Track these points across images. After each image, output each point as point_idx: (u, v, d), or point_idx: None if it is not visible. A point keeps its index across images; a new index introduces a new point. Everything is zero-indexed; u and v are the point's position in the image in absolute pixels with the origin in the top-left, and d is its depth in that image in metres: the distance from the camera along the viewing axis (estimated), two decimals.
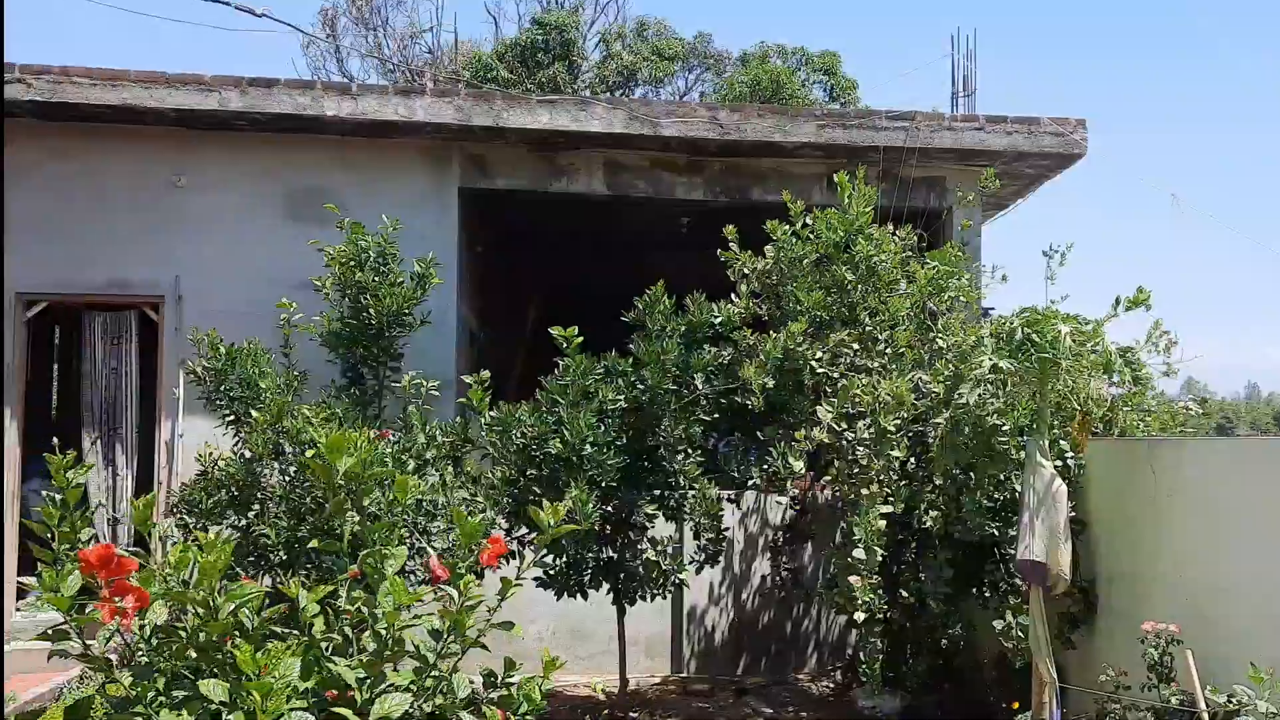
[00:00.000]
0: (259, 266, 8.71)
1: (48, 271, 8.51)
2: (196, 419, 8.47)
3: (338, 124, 8.45)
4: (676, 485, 6.83)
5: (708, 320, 7.22)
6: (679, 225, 11.54)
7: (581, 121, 8.56)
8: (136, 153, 8.65)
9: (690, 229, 11.67)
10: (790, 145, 8.90)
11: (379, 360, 7.85)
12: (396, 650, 2.14)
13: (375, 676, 2.13)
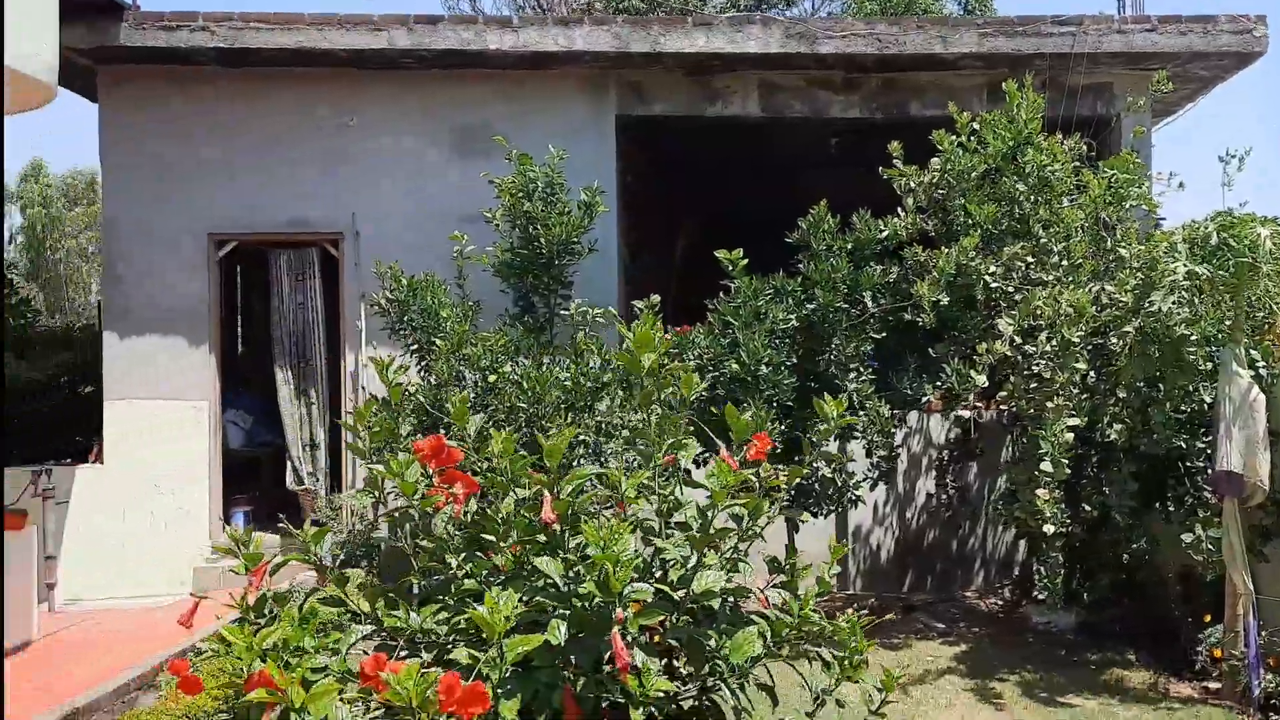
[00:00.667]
0: (428, 201, 9.02)
1: (235, 212, 8.98)
2: (378, 349, 8.89)
3: (499, 57, 8.62)
4: (849, 404, 6.87)
5: (875, 237, 7.20)
6: (828, 146, 11.44)
7: (737, 43, 8.53)
8: (312, 95, 9.00)
9: (840, 149, 11.55)
10: (951, 56, 8.70)
11: (550, 288, 8.08)
12: (716, 532, 2.30)
13: (698, 554, 2.30)
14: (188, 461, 8.89)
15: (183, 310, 8.91)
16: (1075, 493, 6.59)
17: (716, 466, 2.35)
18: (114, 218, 8.96)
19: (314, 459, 9.23)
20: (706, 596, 2.25)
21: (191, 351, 8.91)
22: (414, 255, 8.49)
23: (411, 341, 7.92)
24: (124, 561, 8.66)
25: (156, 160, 8.93)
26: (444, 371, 7.40)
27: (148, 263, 8.89)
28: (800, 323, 6.84)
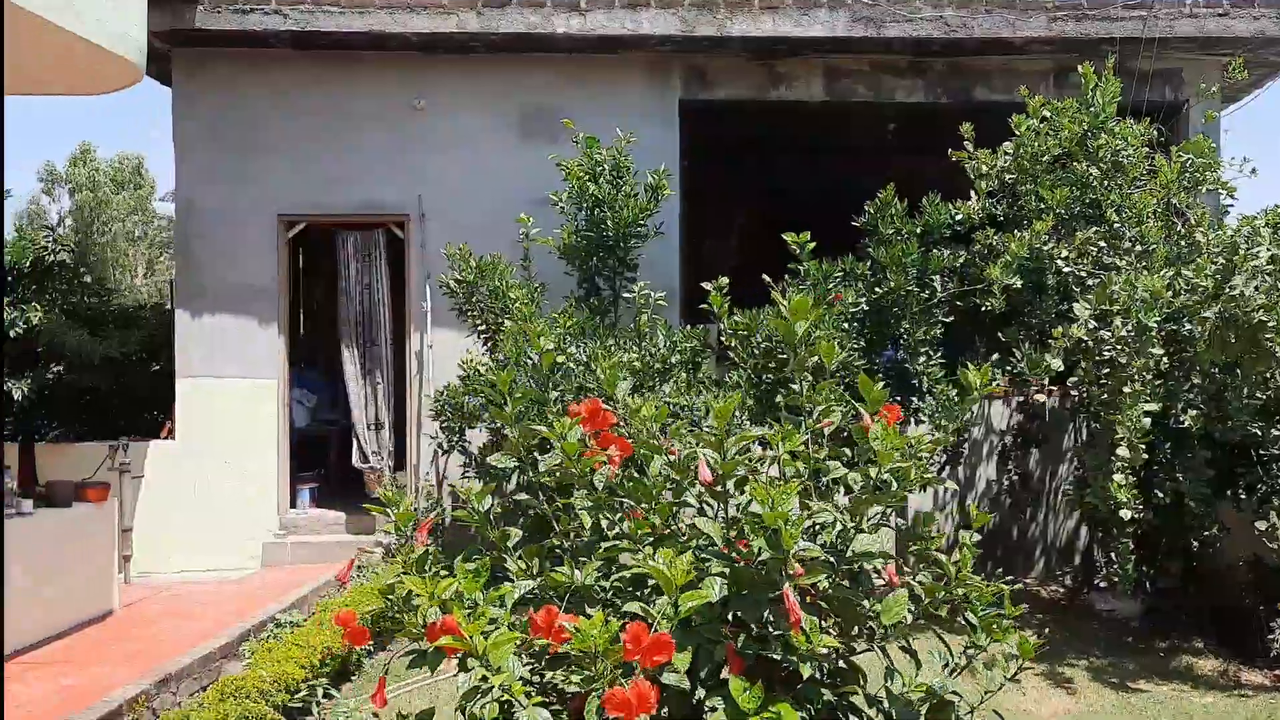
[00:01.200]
0: (494, 184, 9.11)
1: (303, 194, 9.12)
2: (443, 330, 9.03)
3: (567, 41, 8.68)
4: (918, 388, 6.90)
5: (945, 221, 7.20)
6: (885, 130, 11.42)
7: (804, 26, 8.53)
8: (380, 78, 9.11)
9: (896, 133, 11.53)
10: (1019, 41, 8.65)
11: (615, 271, 8.14)
12: (880, 495, 2.36)
13: (856, 517, 2.36)
14: (257, 438, 9.06)
15: (253, 290, 9.07)
16: (1146, 479, 6.57)
17: (880, 429, 2.40)
18: (187, 198, 9.13)
19: (378, 438, 9.37)
20: (865, 558, 2.31)
21: (261, 330, 9.08)
22: (479, 237, 8.58)
23: (479, 323, 8.03)
24: (195, 536, 8.85)
25: (228, 142, 9.08)
26: (512, 352, 7.49)
27: (219, 243, 9.05)
28: (870, 306, 6.86)
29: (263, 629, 6.41)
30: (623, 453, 2.54)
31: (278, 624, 6.44)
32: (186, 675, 5.48)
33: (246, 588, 8.13)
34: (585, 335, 7.77)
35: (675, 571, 1.97)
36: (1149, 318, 5.95)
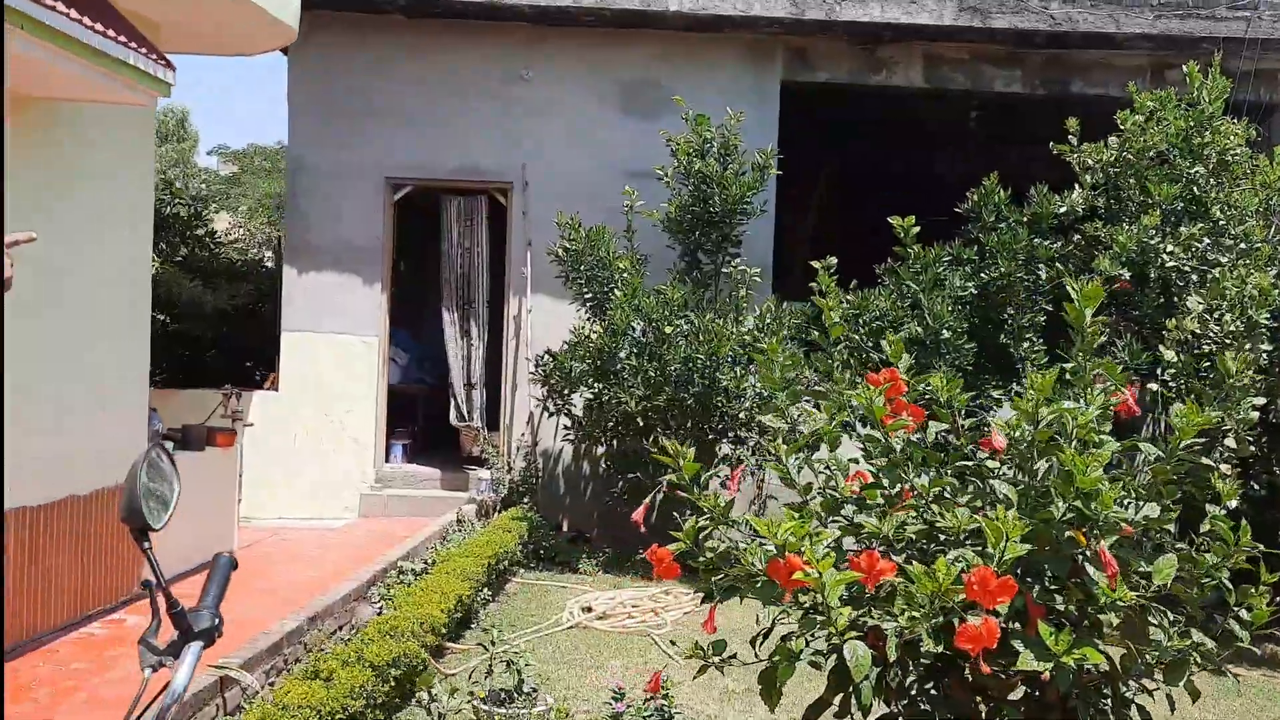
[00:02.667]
0: (593, 155, 9.35)
1: (411, 158, 9.39)
2: (541, 296, 9.30)
3: (678, 19, 8.89)
4: (1022, 372, 7.11)
5: (1052, 211, 7.39)
6: (967, 118, 11.56)
7: (911, 14, 8.71)
8: (487, 48, 9.35)
9: (978, 121, 11.66)
10: (1121, 37, 8.80)
11: (718, 246, 8.38)
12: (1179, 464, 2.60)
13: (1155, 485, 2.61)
14: (357, 393, 9.38)
15: (358, 248, 9.36)
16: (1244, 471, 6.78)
17: (1186, 408, 2.63)
18: (298, 157, 9.42)
19: (471, 398, 9.68)
20: (1151, 524, 2.55)
21: (364, 288, 9.38)
22: (576, 206, 8.82)
23: (585, 291, 8.30)
24: (293, 484, 9.19)
25: (339, 105, 9.35)
26: (621, 321, 7.76)
27: (327, 202, 9.35)
28: (978, 290, 7.08)
29: (385, 575, 6.73)
30: (917, 418, 2.78)
31: (400, 571, 6.76)
32: (329, 614, 5.81)
33: (351, 536, 8.46)
34: (687, 308, 8.04)
35: (1006, 525, 2.22)
36: (1259, 313, 6.15)
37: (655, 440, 7.79)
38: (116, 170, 5.86)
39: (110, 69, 4.55)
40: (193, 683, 4.33)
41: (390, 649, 4.82)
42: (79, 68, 4.40)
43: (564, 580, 7.82)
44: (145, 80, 4.83)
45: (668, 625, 6.69)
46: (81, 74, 4.45)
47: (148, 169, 6.27)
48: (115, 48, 4.53)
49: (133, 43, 4.69)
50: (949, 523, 2.44)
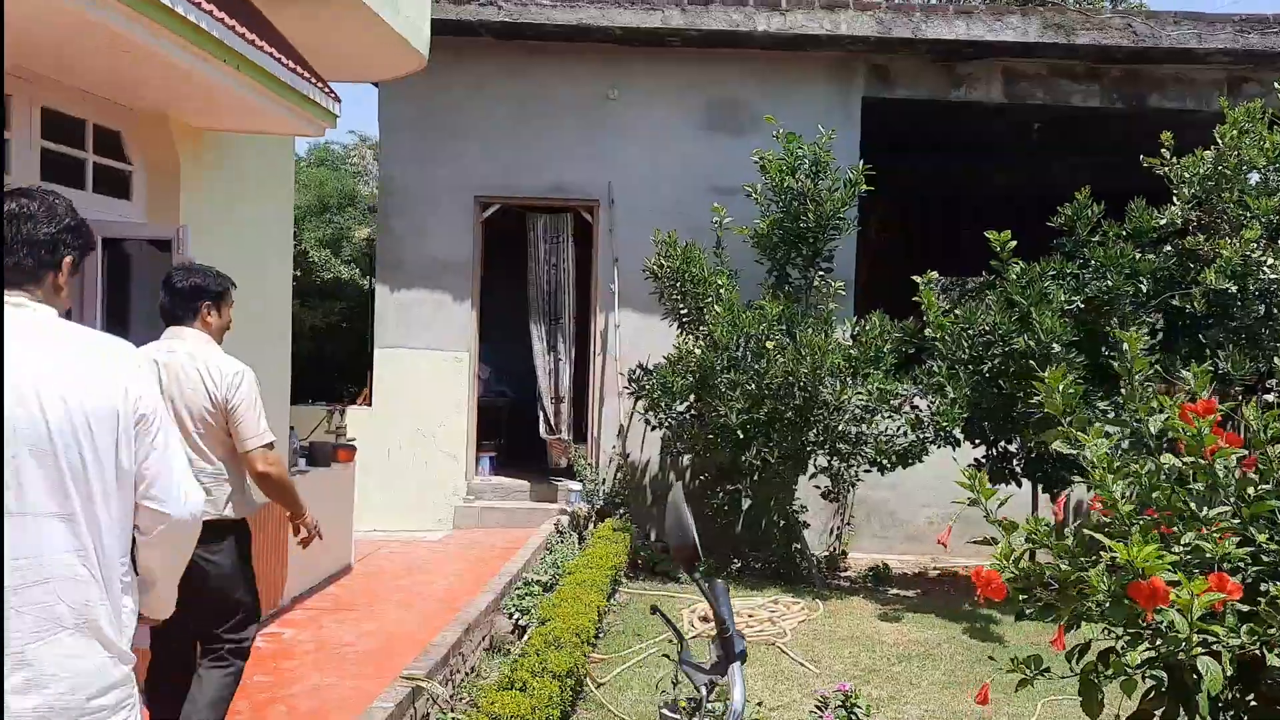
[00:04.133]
0: (678, 172, 9.53)
1: (499, 176, 9.58)
2: (628, 311, 9.46)
3: (765, 38, 9.06)
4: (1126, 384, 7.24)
5: (1152, 224, 7.55)
6: (1028, 132, 11.70)
7: (996, 31, 8.88)
8: (574, 68, 9.54)
9: (1040, 134, 11.80)
10: (1202, 51, 8.96)
11: (809, 261, 8.53)
12: None
13: None
14: (447, 408, 9.55)
15: (448, 266, 9.55)
16: None
17: None
18: (390, 176, 9.62)
19: (560, 411, 9.85)
20: None
21: (454, 305, 9.56)
22: (663, 223, 8.99)
23: (681, 306, 8.46)
24: (387, 497, 9.35)
25: (430, 126, 9.54)
26: (725, 336, 7.93)
27: (418, 220, 9.54)
28: (1085, 304, 7.23)
29: (512, 586, 6.89)
30: (1232, 444, 2.89)
31: (525, 582, 6.92)
32: (477, 625, 5.97)
33: (453, 548, 8.63)
34: (783, 321, 8.19)
35: None
36: None
37: (758, 453, 7.96)
38: (265, 200, 6.05)
39: (297, 104, 4.74)
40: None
41: (564, 659, 4.98)
42: (270, 101, 4.59)
43: (667, 590, 7.97)
44: (321, 114, 5.02)
45: (787, 634, 6.84)
46: (273, 108, 4.64)
47: (289, 198, 6.45)
48: (304, 84, 4.72)
49: (313, 78, 4.88)
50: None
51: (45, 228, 2.20)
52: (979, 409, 7.41)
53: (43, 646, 1.98)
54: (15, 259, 2.15)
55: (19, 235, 2.17)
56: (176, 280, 3.81)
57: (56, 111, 4.36)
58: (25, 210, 2.20)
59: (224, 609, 3.84)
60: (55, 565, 2.00)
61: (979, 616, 7.44)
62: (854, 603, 7.80)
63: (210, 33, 3.80)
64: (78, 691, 2.02)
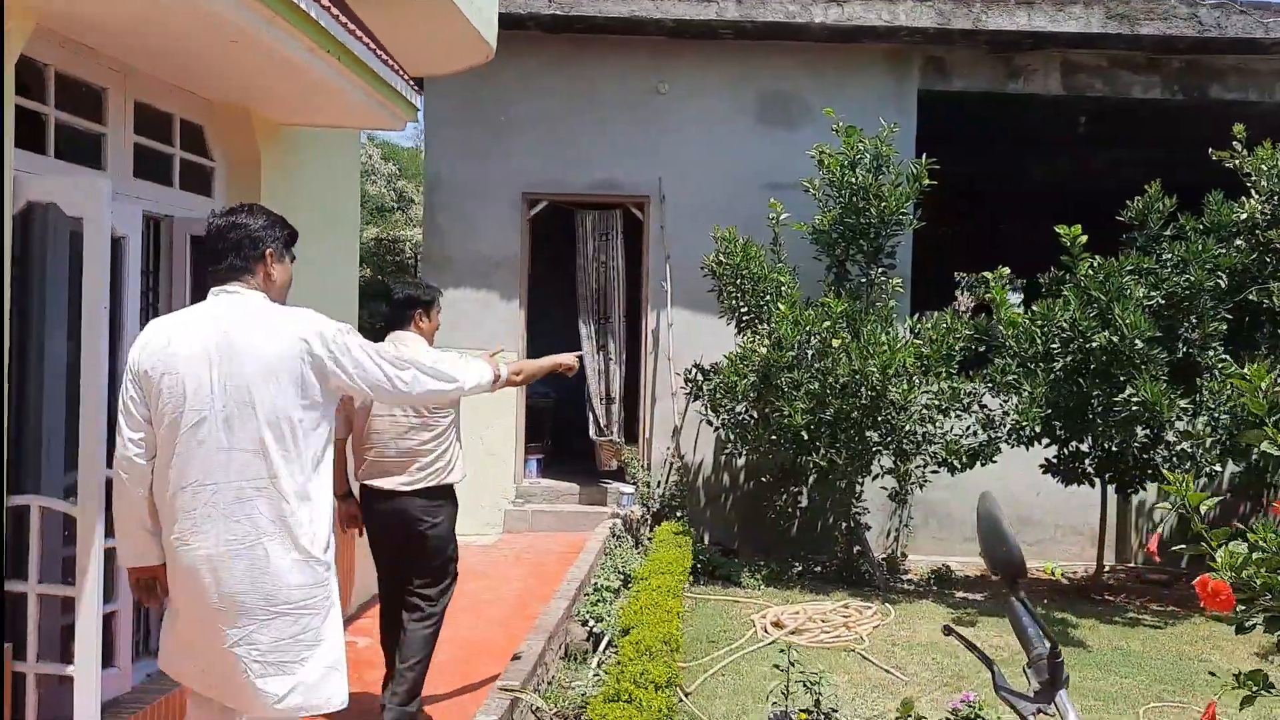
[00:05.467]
0: (730, 167, 9.35)
1: (546, 173, 9.41)
2: (680, 309, 9.28)
3: (821, 30, 8.88)
4: (1210, 380, 7.08)
5: (1230, 219, 7.37)
6: (1076, 124, 11.51)
7: (1058, 22, 8.70)
8: (623, 62, 9.36)
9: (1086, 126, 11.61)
10: (1268, 41, 8.77)
11: (870, 257, 8.34)
12: None
13: None
14: (495, 408, 9.35)
15: (496, 263, 9.38)
16: None
17: None
18: (436, 173, 9.45)
19: (610, 411, 9.67)
20: None
21: (502, 303, 9.39)
22: (716, 219, 8.84)
23: (741, 305, 8.27)
24: None
25: (476, 120, 9.37)
26: (790, 334, 7.75)
27: (466, 217, 9.37)
28: (1165, 299, 7.05)
29: (582, 593, 6.72)
30: None
31: (595, 588, 6.75)
32: (555, 633, 5.81)
33: (508, 552, 8.46)
34: (844, 320, 8.01)
35: None
36: None
37: (825, 454, 7.78)
38: (333, 198, 5.88)
39: (388, 98, 4.58)
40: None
41: (662, 668, 4.81)
42: (364, 94, 4.42)
43: (731, 595, 7.79)
44: (405, 107, 4.85)
45: (865, 640, 6.66)
46: (366, 102, 4.47)
47: (355, 195, 6.29)
48: (395, 77, 4.55)
49: (400, 70, 4.70)
50: None
51: (245, 234, 2.92)
52: (1056, 407, 7.23)
53: (251, 547, 2.74)
54: (229, 262, 2.92)
55: (229, 245, 2.92)
56: (395, 292, 4.62)
57: (146, 105, 4.18)
58: (232, 223, 2.93)
59: (438, 569, 4.55)
60: (257, 486, 2.76)
61: (1055, 621, 7.28)
62: (923, 606, 7.62)
63: (319, 21, 3.63)
64: (278, 582, 2.76)
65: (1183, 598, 8.29)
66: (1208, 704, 2.58)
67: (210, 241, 2.92)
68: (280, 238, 2.99)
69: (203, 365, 2.73)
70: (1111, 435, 6.97)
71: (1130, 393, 6.57)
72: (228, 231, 2.90)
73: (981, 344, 7.75)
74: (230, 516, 2.72)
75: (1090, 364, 7.03)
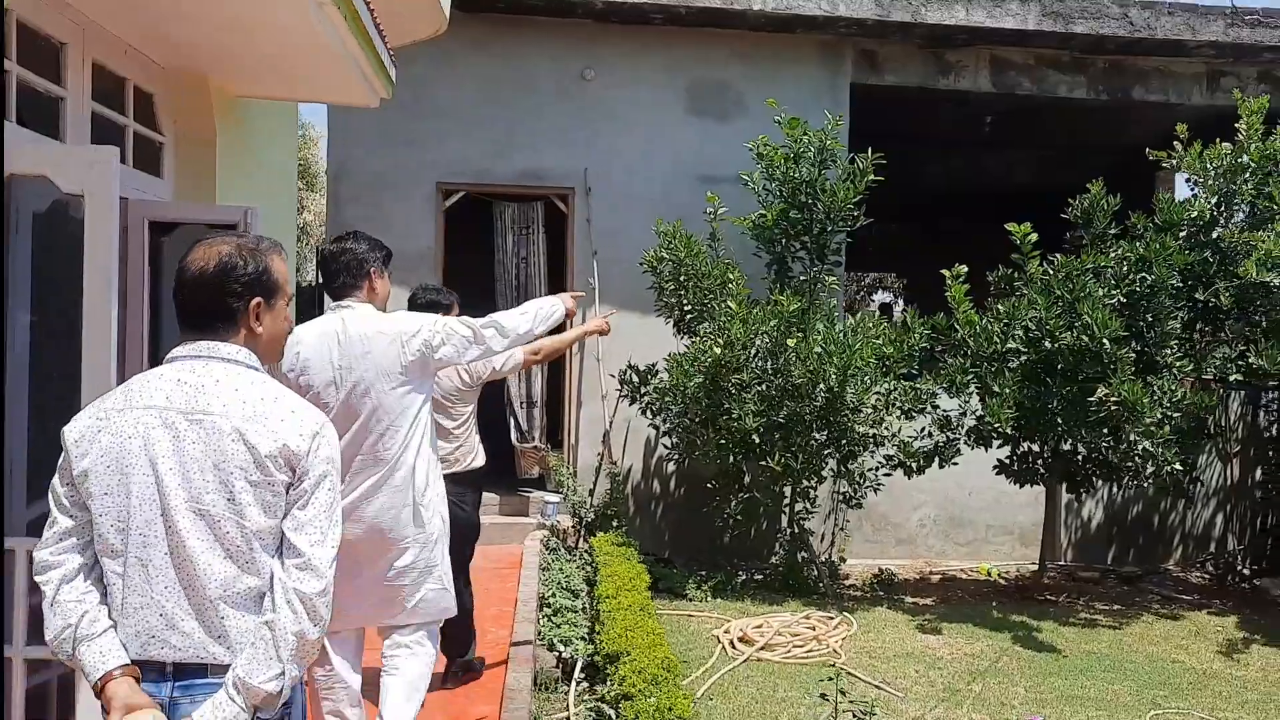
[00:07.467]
0: (663, 159, 8.93)
1: (465, 162, 8.77)
2: (609, 308, 8.77)
3: (758, 18, 8.54)
4: (1169, 379, 7.02)
5: (1181, 218, 7.36)
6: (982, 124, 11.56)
7: (996, 17, 8.59)
8: (549, 46, 8.81)
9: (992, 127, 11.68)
10: (1193, 44, 8.89)
11: (814, 254, 8.04)
12: None
13: None
14: None
15: (409, 258, 8.61)
16: None
17: None
18: (342, 160, 8.69)
19: (532, 416, 9.10)
20: None
21: None
22: (648, 213, 8.47)
23: (685, 303, 7.85)
24: None
25: (388, 104, 8.62)
26: (740, 335, 7.36)
27: (376, 208, 8.63)
28: (1126, 299, 6.97)
29: (540, 612, 6.17)
30: None
31: (555, 609, 6.20)
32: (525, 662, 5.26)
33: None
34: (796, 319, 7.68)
35: None
36: None
37: (778, 458, 7.42)
38: (274, 178, 5.18)
39: (374, 70, 3.96)
40: None
41: (677, 697, 4.36)
42: (354, 64, 3.81)
43: (681, 608, 7.34)
44: (385, 82, 4.24)
45: (843, 655, 6.32)
46: (352, 73, 3.86)
47: (293, 175, 5.59)
48: (382, 46, 3.94)
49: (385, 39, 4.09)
50: None
51: (354, 257, 3.62)
52: (1020, 407, 7.05)
53: (393, 513, 3.58)
54: (341, 281, 3.62)
55: (341, 267, 3.61)
56: (419, 299, 4.94)
57: (101, 67, 3.46)
58: (343, 249, 3.62)
59: (468, 544, 5.09)
60: (393, 468, 3.56)
61: (1015, 625, 7.12)
62: (880, 614, 7.35)
63: None
64: (402, 541, 3.60)
65: (1120, 595, 8.31)
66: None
67: (324, 265, 3.60)
68: (380, 258, 3.70)
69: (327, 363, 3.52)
70: (1080, 435, 6.83)
71: (1105, 392, 6.42)
72: (340, 255, 3.59)
73: (937, 344, 7.54)
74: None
75: (1057, 363, 6.88)
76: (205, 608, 2.04)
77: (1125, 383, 6.40)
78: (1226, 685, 6.05)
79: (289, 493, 2.10)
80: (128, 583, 2.05)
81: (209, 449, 2.06)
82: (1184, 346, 7.15)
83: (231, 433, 2.06)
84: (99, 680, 2.01)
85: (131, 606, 2.06)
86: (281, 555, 2.10)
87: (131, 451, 2.05)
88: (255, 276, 2.19)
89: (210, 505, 2.04)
